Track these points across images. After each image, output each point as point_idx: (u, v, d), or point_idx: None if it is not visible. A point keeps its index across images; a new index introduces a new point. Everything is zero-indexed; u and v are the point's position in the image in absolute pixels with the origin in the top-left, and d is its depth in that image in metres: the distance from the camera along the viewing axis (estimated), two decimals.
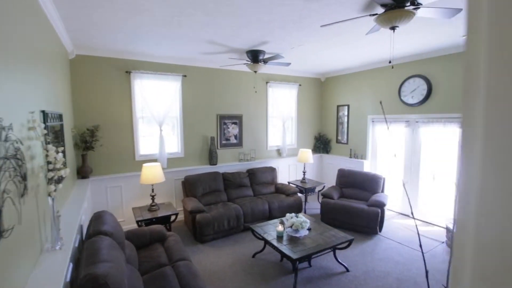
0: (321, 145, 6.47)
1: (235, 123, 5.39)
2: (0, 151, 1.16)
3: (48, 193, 1.71)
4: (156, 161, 4.47)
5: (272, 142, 5.96)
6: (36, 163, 1.71)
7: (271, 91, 5.73)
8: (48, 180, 1.71)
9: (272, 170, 5.44)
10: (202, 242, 3.96)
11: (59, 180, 1.78)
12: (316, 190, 5.59)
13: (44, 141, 1.73)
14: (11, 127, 1.29)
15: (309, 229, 3.41)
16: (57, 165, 1.72)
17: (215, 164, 5.11)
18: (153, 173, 3.87)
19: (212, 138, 5.03)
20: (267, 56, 4.14)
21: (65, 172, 1.80)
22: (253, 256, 3.57)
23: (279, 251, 3.05)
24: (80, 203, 2.85)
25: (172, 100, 4.60)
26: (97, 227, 2.27)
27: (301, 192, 5.42)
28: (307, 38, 3.47)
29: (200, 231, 3.90)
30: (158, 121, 4.46)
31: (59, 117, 2.62)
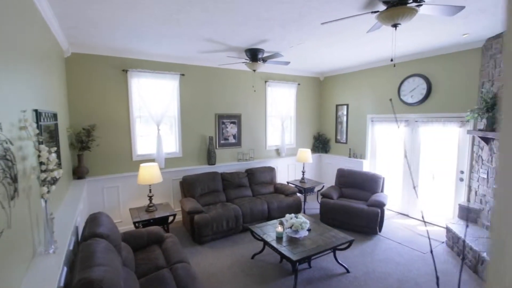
0: (320, 145, 6.44)
1: (234, 123, 5.34)
2: None
3: (41, 195, 1.66)
4: (154, 161, 4.42)
5: (271, 142, 5.92)
6: (28, 164, 1.65)
7: (270, 90, 5.68)
8: (41, 182, 1.66)
9: (271, 170, 5.40)
10: (201, 243, 3.91)
11: (53, 182, 1.72)
12: (315, 190, 5.55)
13: (37, 141, 1.67)
14: (0, 127, 1.24)
15: (309, 230, 3.38)
16: (50, 166, 1.67)
17: (214, 164, 5.06)
18: (151, 173, 3.81)
19: (211, 138, 4.98)
20: (266, 55, 4.10)
21: (59, 173, 1.74)
22: (252, 257, 3.53)
23: (279, 253, 3.00)
24: (76, 205, 2.80)
25: (170, 99, 4.54)
26: (93, 229, 2.22)
27: (300, 192, 5.38)
28: (307, 36, 3.42)
29: (199, 232, 3.85)
30: (156, 121, 4.40)
31: (54, 117, 2.56)
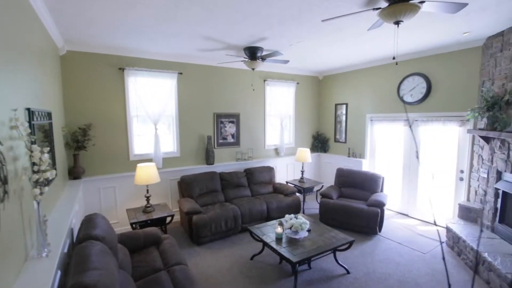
0: (319, 144, 6.40)
1: (232, 122, 5.29)
2: None
3: (34, 197, 1.60)
4: (151, 161, 4.36)
5: (270, 141, 5.87)
6: (20, 165, 1.59)
7: (269, 89, 5.63)
8: (33, 183, 1.60)
9: (270, 170, 5.35)
10: (199, 244, 3.86)
11: (45, 183, 1.66)
12: (315, 190, 5.52)
13: (29, 141, 1.61)
14: None
15: (309, 231, 3.33)
16: (43, 167, 1.61)
17: (212, 164, 5.00)
18: (148, 173, 3.75)
19: (209, 137, 4.92)
20: (265, 53, 4.04)
21: (52, 174, 1.68)
22: (251, 259, 3.48)
23: (278, 254, 2.96)
24: (71, 206, 2.73)
25: (168, 98, 4.47)
26: (88, 231, 2.16)
27: (300, 192, 5.34)
28: (307, 34, 3.37)
29: (197, 233, 3.80)
30: (153, 120, 4.34)
31: (48, 116, 2.50)
